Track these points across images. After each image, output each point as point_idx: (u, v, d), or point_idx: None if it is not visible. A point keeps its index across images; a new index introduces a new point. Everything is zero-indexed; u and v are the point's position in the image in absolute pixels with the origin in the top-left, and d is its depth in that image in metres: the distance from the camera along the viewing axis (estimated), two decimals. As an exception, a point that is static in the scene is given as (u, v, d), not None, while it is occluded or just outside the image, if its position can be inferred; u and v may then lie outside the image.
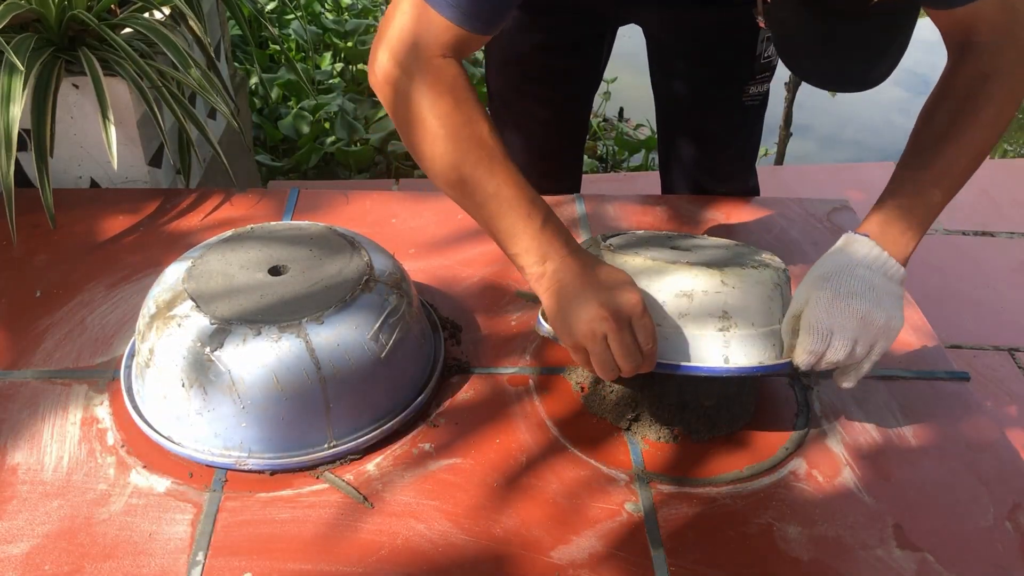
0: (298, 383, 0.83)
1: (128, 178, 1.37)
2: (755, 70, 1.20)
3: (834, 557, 0.79)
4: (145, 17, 1.35)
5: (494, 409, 0.92)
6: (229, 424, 0.84)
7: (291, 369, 0.83)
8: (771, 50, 1.21)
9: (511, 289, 1.09)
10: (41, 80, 1.22)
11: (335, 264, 0.92)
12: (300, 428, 0.85)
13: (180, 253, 0.96)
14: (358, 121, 2.48)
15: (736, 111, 1.26)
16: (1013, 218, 2.21)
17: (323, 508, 0.81)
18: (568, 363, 0.98)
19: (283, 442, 0.85)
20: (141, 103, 1.30)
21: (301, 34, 2.76)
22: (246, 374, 0.82)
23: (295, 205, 1.22)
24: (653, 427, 0.90)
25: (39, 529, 0.78)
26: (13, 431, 0.87)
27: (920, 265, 2.01)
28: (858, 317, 0.79)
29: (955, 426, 0.93)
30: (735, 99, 1.23)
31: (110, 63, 1.25)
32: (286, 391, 0.83)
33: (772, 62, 1.23)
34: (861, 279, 0.81)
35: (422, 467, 0.85)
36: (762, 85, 1.25)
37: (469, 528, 0.80)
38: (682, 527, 0.81)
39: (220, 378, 0.82)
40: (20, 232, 1.14)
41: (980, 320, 1.87)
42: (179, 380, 0.84)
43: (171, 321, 0.85)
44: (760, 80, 1.24)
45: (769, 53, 1.21)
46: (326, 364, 0.84)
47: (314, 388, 0.84)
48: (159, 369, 0.85)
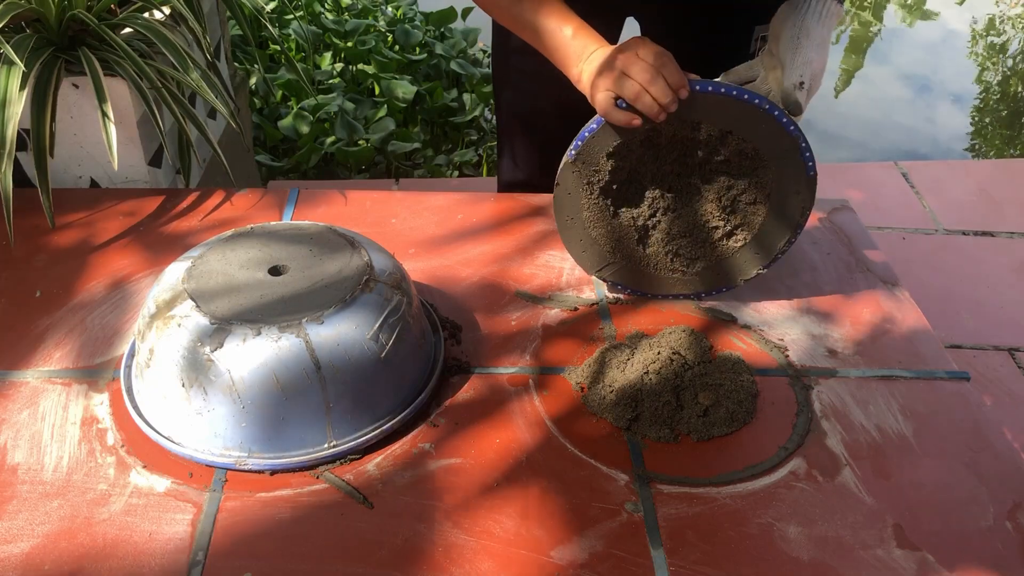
0: (298, 383, 0.83)
1: (128, 178, 1.37)
2: (732, 59, 1.20)
3: (834, 557, 0.79)
4: (145, 17, 1.35)
5: (494, 409, 0.92)
6: (229, 424, 0.84)
7: (291, 369, 0.83)
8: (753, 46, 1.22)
9: (511, 289, 1.09)
10: (41, 80, 1.22)
11: (335, 264, 0.92)
12: (300, 428, 0.85)
13: (180, 253, 0.96)
14: (358, 121, 2.48)
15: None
16: (1013, 218, 2.21)
17: (323, 508, 0.81)
18: (568, 363, 0.98)
19: (283, 442, 0.85)
20: (141, 103, 1.30)
21: (301, 34, 2.76)
22: (246, 374, 0.82)
23: (295, 205, 1.22)
24: (653, 427, 0.90)
25: (39, 529, 0.78)
26: (13, 431, 0.87)
27: (920, 265, 2.02)
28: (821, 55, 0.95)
29: (955, 426, 0.93)
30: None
31: (110, 63, 1.25)
32: (286, 391, 0.83)
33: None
34: (818, 29, 0.96)
35: (422, 467, 0.85)
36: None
37: (469, 528, 0.80)
38: (682, 527, 0.81)
39: (220, 378, 0.82)
40: (20, 232, 1.14)
41: (980, 320, 1.87)
42: (179, 380, 0.84)
43: (171, 321, 0.85)
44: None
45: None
46: (326, 364, 0.84)
47: (314, 388, 0.84)
48: (159, 369, 0.85)
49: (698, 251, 1.05)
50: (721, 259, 1.05)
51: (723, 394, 0.92)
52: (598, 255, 1.06)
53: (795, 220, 1.02)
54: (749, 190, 1.01)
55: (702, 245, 1.05)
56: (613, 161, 0.98)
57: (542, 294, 1.09)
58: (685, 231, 1.04)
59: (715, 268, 1.06)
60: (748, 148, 0.98)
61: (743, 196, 1.02)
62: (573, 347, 1.01)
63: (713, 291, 1.08)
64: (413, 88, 2.57)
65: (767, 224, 1.02)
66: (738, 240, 1.04)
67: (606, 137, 0.97)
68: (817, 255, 1.19)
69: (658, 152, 1.00)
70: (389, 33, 2.87)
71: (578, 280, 1.12)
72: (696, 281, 1.07)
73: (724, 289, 1.08)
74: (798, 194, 1.00)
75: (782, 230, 1.03)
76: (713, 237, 1.04)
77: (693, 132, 0.97)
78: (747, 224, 1.03)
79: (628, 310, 1.07)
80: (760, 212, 1.02)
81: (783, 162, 0.98)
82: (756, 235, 1.03)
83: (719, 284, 1.07)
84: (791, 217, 1.02)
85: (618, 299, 1.09)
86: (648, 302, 1.09)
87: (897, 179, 2.37)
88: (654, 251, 1.05)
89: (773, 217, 1.02)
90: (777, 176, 0.99)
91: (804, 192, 1.00)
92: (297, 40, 2.77)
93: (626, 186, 1.02)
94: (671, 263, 1.05)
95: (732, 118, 0.96)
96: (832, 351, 1.03)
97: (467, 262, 1.13)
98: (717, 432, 0.90)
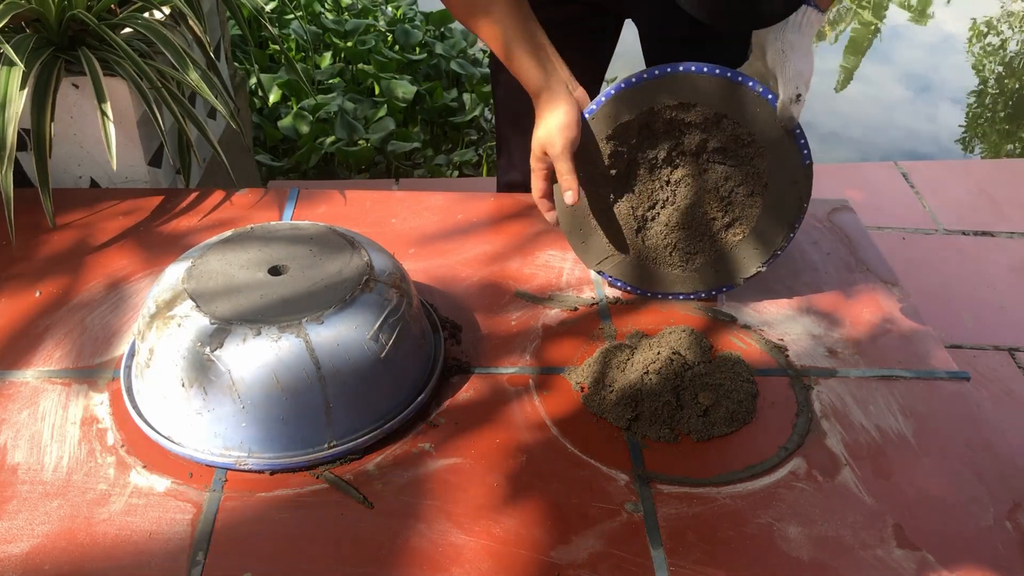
0: (298, 383, 0.83)
1: (128, 178, 1.37)
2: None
3: (834, 557, 0.79)
4: (145, 17, 1.35)
5: (494, 409, 0.92)
6: (229, 424, 0.84)
7: (291, 369, 0.83)
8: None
9: (511, 289, 1.09)
10: (41, 80, 1.22)
11: (335, 264, 0.92)
12: (300, 428, 0.85)
13: (180, 253, 0.96)
14: (358, 121, 2.48)
15: None
16: (1013, 218, 2.21)
17: (323, 508, 0.81)
18: (568, 363, 0.98)
19: (283, 442, 0.85)
20: (141, 103, 1.30)
21: (301, 34, 2.76)
22: (246, 374, 0.82)
23: (295, 205, 1.22)
24: (653, 427, 0.90)
25: (39, 529, 0.78)
26: (13, 431, 0.87)
27: (920, 265, 2.02)
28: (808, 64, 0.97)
29: (955, 426, 0.93)
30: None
31: (110, 63, 1.25)
32: (286, 391, 0.83)
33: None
34: (800, 39, 0.98)
35: (422, 467, 0.85)
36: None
37: (469, 528, 0.80)
38: (682, 527, 0.81)
39: (220, 378, 0.82)
40: (20, 232, 1.14)
41: (980, 320, 1.87)
42: (179, 380, 0.84)
43: (171, 321, 0.85)
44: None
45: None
46: (326, 364, 0.84)
47: (314, 388, 0.84)
48: (159, 369, 0.85)
49: (697, 244, 1.05)
50: (720, 254, 1.05)
51: (723, 394, 0.92)
52: (598, 247, 1.06)
53: (793, 212, 1.02)
54: (747, 181, 1.01)
55: (701, 238, 1.05)
56: (612, 145, 0.99)
57: (542, 294, 1.09)
58: (684, 223, 1.04)
59: (714, 265, 1.06)
60: (743, 133, 0.98)
61: (740, 188, 1.02)
62: (573, 347, 1.01)
63: (713, 291, 1.08)
64: (413, 88, 2.57)
65: (765, 217, 1.03)
66: (736, 234, 1.04)
67: (603, 122, 0.98)
68: (817, 255, 1.19)
69: (656, 139, 1.01)
70: (389, 33, 2.87)
71: (578, 280, 1.12)
72: (696, 279, 1.07)
73: (725, 289, 1.08)
74: (795, 183, 1.01)
75: (780, 223, 1.03)
76: (712, 229, 1.04)
77: (688, 114, 0.98)
78: (745, 217, 1.03)
79: (628, 310, 1.07)
80: (757, 204, 1.02)
81: (778, 150, 0.99)
82: (755, 228, 1.03)
83: (719, 283, 1.07)
84: (789, 209, 1.02)
85: (618, 299, 1.09)
86: (648, 302, 1.09)
87: (897, 179, 2.37)
88: (653, 243, 1.05)
89: (771, 209, 1.02)
90: (773, 166, 1.00)
91: (801, 181, 1.00)
92: (297, 40, 2.77)
93: (625, 176, 1.03)
94: (670, 256, 1.06)
95: (725, 100, 0.97)
96: (832, 351, 1.03)
97: (467, 262, 1.13)
98: (717, 432, 0.90)
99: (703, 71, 0.96)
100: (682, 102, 0.97)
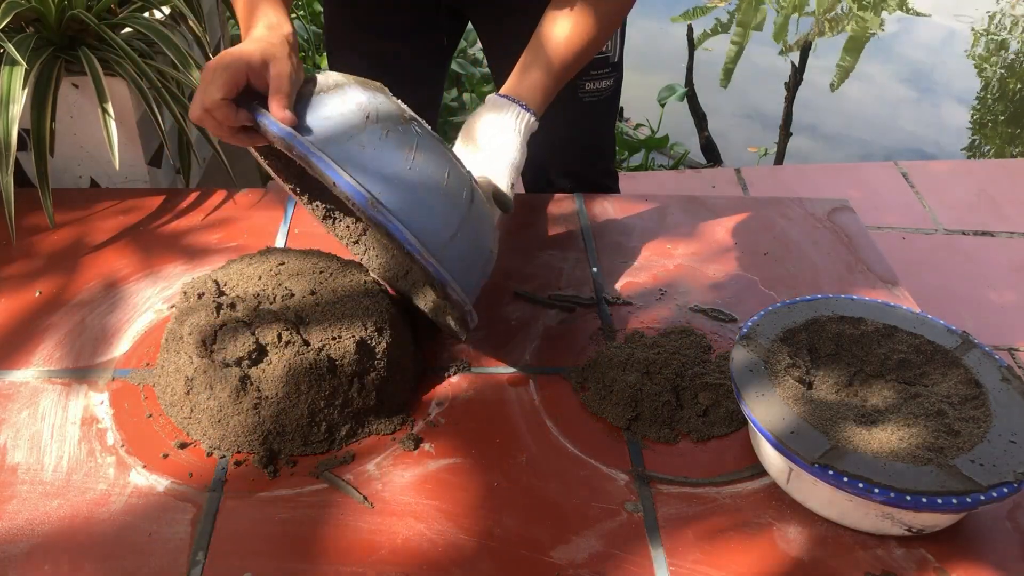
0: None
1: (128, 178, 1.37)
2: (589, 65, 1.20)
3: (834, 557, 0.79)
4: (145, 17, 1.35)
5: (494, 409, 0.92)
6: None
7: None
8: (607, 46, 1.22)
9: (511, 289, 1.09)
10: (41, 79, 1.22)
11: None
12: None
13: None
14: (358, 121, 2.48)
15: (574, 107, 1.27)
16: (1013, 218, 2.21)
17: (323, 508, 0.81)
18: (568, 363, 0.98)
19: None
20: (141, 103, 1.30)
21: (301, 34, 2.76)
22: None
23: (295, 205, 1.22)
24: (653, 427, 0.90)
25: (39, 529, 0.78)
26: (13, 431, 0.87)
27: (920, 265, 2.02)
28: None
29: (955, 426, 0.93)
30: (570, 95, 1.23)
31: (110, 63, 1.25)
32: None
33: (609, 59, 1.23)
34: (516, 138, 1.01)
35: (422, 467, 0.85)
36: (600, 82, 1.26)
37: (469, 528, 0.80)
38: (682, 527, 0.81)
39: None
40: (20, 232, 1.14)
41: (980, 320, 1.87)
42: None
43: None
44: (596, 77, 1.24)
45: (605, 50, 1.20)
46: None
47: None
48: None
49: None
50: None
51: (723, 394, 0.92)
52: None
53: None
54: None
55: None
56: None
57: (542, 294, 1.09)
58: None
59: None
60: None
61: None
62: (573, 347, 1.01)
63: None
64: (413, 88, 2.57)
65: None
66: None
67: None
68: (817, 255, 1.19)
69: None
70: (389, 33, 2.86)
71: (578, 280, 1.12)
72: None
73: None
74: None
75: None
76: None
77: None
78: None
79: (628, 310, 1.07)
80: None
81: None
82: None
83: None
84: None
85: (618, 299, 1.09)
86: (648, 302, 1.09)
87: (897, 179, 2.37)
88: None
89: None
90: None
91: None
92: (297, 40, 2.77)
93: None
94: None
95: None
96: (832, 351, 1.02)
97: (467, 262, 1.13)
98: (717, 432, 0.90)
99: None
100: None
